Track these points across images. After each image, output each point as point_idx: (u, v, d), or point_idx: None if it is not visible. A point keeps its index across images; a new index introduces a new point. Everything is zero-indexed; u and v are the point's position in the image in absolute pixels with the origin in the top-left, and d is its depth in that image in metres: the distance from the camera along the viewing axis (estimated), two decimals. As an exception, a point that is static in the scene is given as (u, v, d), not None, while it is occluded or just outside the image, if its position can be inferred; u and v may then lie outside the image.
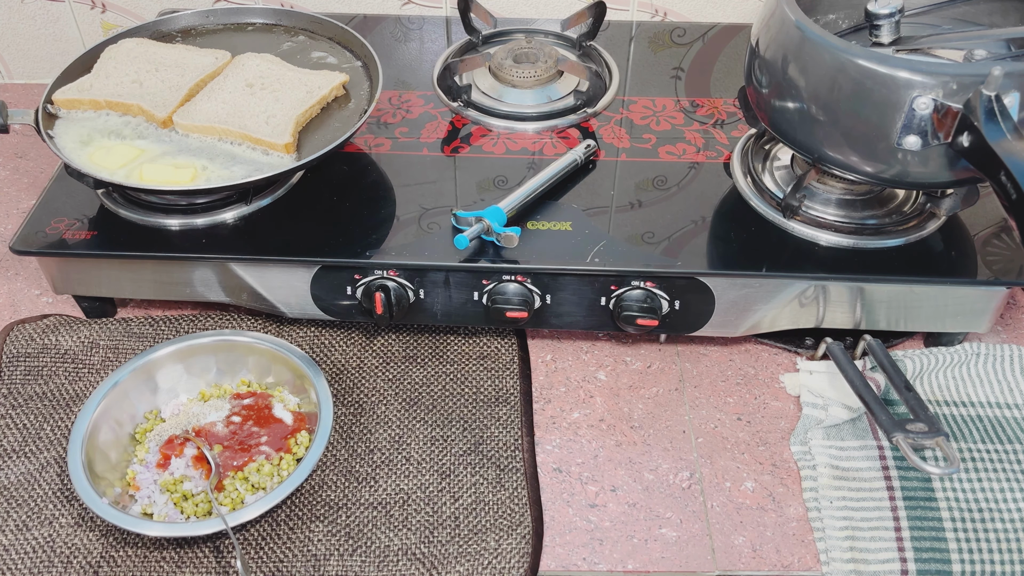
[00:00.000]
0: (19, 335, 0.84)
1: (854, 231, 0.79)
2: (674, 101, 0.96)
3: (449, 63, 0.94)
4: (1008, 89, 0.63)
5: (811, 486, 0.74)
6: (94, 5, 1.13)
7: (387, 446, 0.77)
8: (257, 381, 0.80)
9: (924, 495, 0.72)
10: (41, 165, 1.06)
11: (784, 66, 0.71)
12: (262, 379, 0.80)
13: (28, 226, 0.81)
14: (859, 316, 0.80)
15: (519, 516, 0.72)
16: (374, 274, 0.78)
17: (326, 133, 0.84)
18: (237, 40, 0.95)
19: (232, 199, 0.82)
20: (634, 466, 0.77)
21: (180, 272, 0.81)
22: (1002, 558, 0.69)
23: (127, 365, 0.76)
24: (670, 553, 0.71)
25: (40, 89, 0.87)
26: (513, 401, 0.80)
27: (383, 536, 0.71)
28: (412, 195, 0.83)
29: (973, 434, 0.77)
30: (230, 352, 0.79)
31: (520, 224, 0.80)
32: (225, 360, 0.79)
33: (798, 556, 0.71)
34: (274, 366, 0.79)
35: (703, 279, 0.77)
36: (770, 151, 0.88)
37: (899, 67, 0.65)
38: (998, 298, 0.79)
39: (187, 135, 0.83)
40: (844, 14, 0.83)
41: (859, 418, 0.78)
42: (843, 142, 0.71)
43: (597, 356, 0.86)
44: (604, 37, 1.05)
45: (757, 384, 0.83)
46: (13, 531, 0.71)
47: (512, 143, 0.90)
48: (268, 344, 0.78)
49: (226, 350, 0.78)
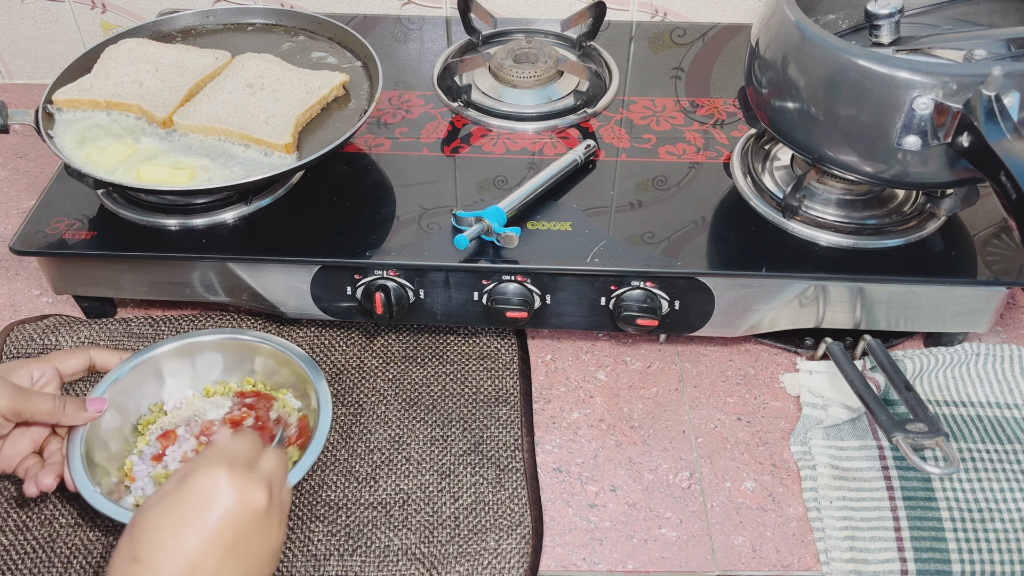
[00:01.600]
0: (19, 336, 0.84)
1: (854, 231, 0.79)
2: (674, 101, 0.96)
3: (449, 63, 0.94)
4: (1008, 89, 0.63)
5: (811, 486, 0.74)
6: (94, 5, 1.13)
7: (387, 446, 0.77)
8: (263, 381, 0.80)
9: (924, 495, 0.72)
10: (41, 165, 1.06)
11: (784, 66, 0.71)
12: (268, 379, 0.79)
13: (28, 226, 0.81)
14: (859, 316, 0.80)
15: (519, 516, 0.72)
16: (374, 274, 0.78)
17: (326, 133, 0.84)
18: (237, 40, 0.95)
19: (232, 199, 0.82)
20: (634, 466, 0.77)
21: (180, 272, 0.81)
22: (1002, 558, 0.69)
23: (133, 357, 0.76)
24: (670, 553, 0.71)
25: (40, 89, 0.87)
26: (513, 401, 0.80)
27: (383, 536, 0.71)
28: (412, 195, 0.83)
29: (973, 434, 0.77)
30: (237, 350, 0.79)
31: (520, 224, 0.80)
32: (232, 358, 0.79)
33: (798, 556, 0.71)
34: (280, 367, 0.78)
35: (703, 279, 0.77)
36: (770, 151, 0.88)
37: (899, 67, 0.65)
38: (998, 298, 0.79)
39: (187, 135, 0.83)
40: (844, 14, 0.83)
41: (859, 418, 0.78)
42: (843, 142, 0.71)
43: (597, 356, 0.86)
44: (604, 37, 1.05)
45: (757, 384, 0.83)
46: (13, 531, 0.71)
47: (512, 143, 0.90)
48: (273, 345, 0.77)
49: (233, 348, 0.78)
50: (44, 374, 0.69)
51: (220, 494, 0.53)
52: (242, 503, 0.53)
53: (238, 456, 0.56)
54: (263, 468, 0.57)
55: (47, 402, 0.66)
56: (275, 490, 0.56)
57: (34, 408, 0.65)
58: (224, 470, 0.54)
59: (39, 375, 0.68)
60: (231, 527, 0.53)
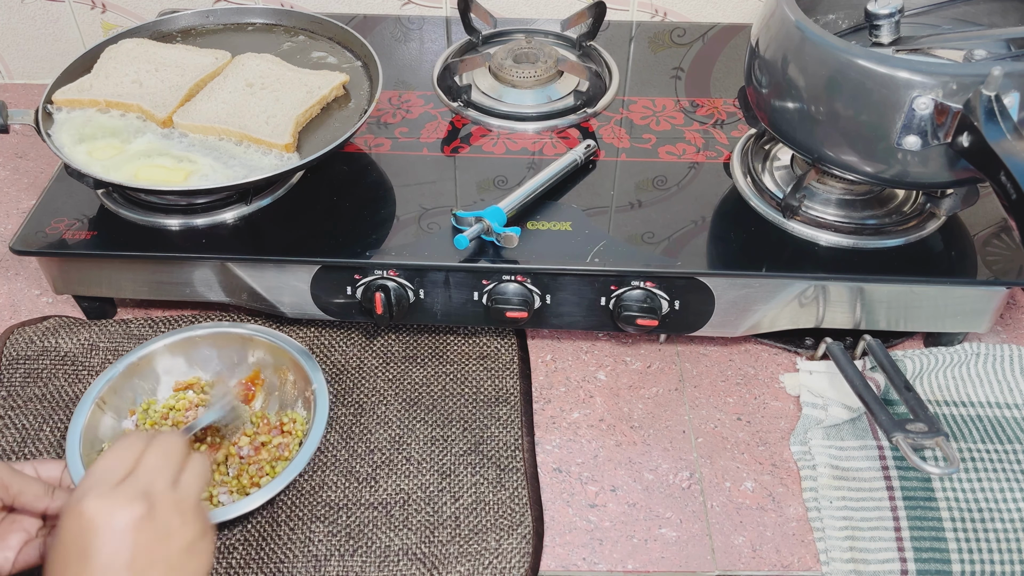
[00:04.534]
0: (19, 338, 0.84)
1: (854, 231, 0.79)
2: (674, 101, 0.96)
3: (449, 63, 0.94)
4: (1008, 89, 0.63)
5: (811, 486, 0.74)
6: (94, 5, 1.13)
7: (387, 446, 0.77)
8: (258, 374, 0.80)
9: (924, 495, 0.72)
10: (41, 165, 1.06)
11: (784, 66, 0.71)
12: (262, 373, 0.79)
13: (28, 226, 0.81)
14: (859, 316, 0.80)
15: (519, 516, 0.72)
16: (374, 274, 0.78)
17: (326, 133, 0.84)
18: (237, 40, 0.95)
19: (232, 199, 0.82)
20: (634, 466, 0.77)
21: (180, 272, 0.81)
22: (1002, 558, 0.69)
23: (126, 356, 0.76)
24: (670, 553, 0.71)
25: (40, 89, 0.87)
26: (513, 401, 0.80)
27: (383, 536, 0.71)
28: (412, 195, 0.83)
29: (973, 434, 0.77)
30: (230, 345, 0.79)
31: (520, 224, 0.80)
32: (227, 353, 0.79)
33: (798, 556, 0.71)
34: (275, 360, 0.78)
35: (703, 279, 0.77)
36: (770, 151, 0.88)
37: (899, 67, 0.65)
38: (998, 298, 0.79)
39: (187, 135, 0.83)
40: (844, 14, 0.83)
41: (859, 418, 0.78)
42: (843, 142, 0.71)
43: (597, 356, 0.86)
44: (604, 37, 1.05)
45: (757, 384, 0.83)
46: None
47: (512, 143, 0.90)
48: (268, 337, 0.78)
49: (226, 342, 0.78)
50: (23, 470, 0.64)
51: (89, 526, 0.51)
52: (117, 522, 0.51)
53: (101, 478, 0.54)
54: (138, 473, 0.54)
55: (35, 485, 0.62)
56: (157, 488, 0.54)
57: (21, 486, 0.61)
58: (85, 501, 0.52)
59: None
60: (118, 550, 0.50)
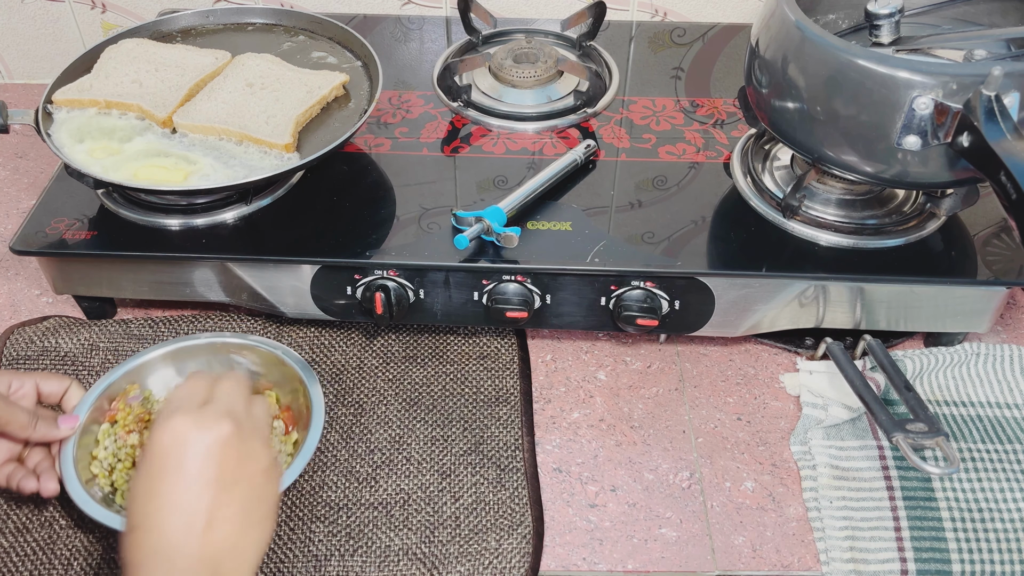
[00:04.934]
0: (19, 338, 0.84)
1: (854, 231, 0.79)
2: (674, 101, 0.96)
3: (449, 63, 0.94)
4: (1008, 89, 0.63)
5: (811, 486, 0.74)
6: (94, 5, 1.13)
7: (387, 446, 0.77)
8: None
9: (924, 495, 0.72)
10: (41, 165, 1.06)
11: (784, 66, 0.71)
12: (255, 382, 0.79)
13: (28, 226, 0.81)
14: (859, 316, 0.80)
15: (520, 516, 0.72)
16: (374, 274, 0.78)
17: (326, 133, 0.84)
18: (237, 40, 0.95)
19: (232, 199, 0.82)
20: (634, 466, 0.77)
21: (180, 272, 0.81)
22: (1002, 558, 0.69)
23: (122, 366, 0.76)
24: (670, 553, 0.71)
25: (40, 89, 0.87)
26: (513, 401, 0.80)
27: (384, 536, 0.71)
28: (412, 195, 0.83)
29: (973, 434, 0.77)
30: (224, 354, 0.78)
31: (520, 224, 0.80)
32: (220, 362, 0.78)
33: (798, 556, 0.71)
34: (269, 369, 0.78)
35: (703, 279, 0.77)
36: (770, 151, 0.88)
37: (899, 67, 0.65)
38: (998, 298, 0.79)
39: (187, 135, 0.83)
40: (844, 14, 0.83)
41: (859, 418, 0.78)
42: (843, 142, 0.71)
43: (597, 356, 0.86)
44: (604, 37, 1.05)
45: (757, 384, 0.83)
46: (13, 533, 0.71)
47: (512, 143, 0.90)
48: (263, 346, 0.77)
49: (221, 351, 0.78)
50: (23, 387, 0.69)
51: (180, 440, 0.54)
52: (205, 438, 0.54)
53: (186, 401, 0.57)
54: (218, 399, 0.58)
55: (21, 414, 0.66)
56: (238, 413, 0.57)
57: (8, 417, 0.65)
58: (176, 417, 0.55)
59: (17, 386, 0.68)
60: (206, 464, 0.54)
